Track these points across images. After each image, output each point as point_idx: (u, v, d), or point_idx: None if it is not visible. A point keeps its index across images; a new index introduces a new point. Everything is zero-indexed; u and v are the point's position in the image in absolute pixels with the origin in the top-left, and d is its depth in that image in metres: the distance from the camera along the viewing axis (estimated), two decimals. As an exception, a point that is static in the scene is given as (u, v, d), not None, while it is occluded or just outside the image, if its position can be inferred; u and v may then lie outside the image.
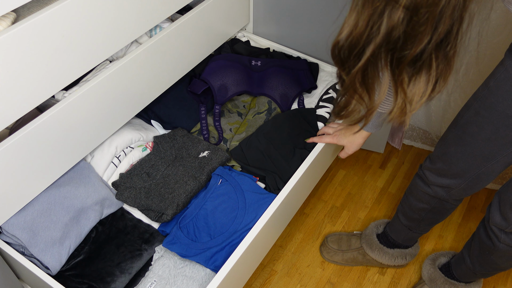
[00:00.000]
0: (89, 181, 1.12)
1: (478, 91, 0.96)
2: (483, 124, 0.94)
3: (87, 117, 1.04)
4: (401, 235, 1.33)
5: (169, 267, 1.04)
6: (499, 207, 1.04)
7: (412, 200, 1.21)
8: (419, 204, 1.19)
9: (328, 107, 1.34)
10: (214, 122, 1.33)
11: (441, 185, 1.10)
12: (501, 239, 1.06)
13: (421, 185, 1.15)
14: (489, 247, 1.11)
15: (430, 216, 1.21)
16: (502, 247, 1.07)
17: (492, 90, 0.91)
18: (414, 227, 1.27)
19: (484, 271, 1.20)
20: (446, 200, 1.14)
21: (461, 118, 0.99)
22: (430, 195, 1.15)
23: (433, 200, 1.15)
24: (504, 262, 1.12)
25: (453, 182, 1.07)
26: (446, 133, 1.05)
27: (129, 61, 1.09)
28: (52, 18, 0.86)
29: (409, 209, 1.23)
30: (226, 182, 1.16)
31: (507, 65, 0.87)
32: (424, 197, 1.16)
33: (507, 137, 0.92)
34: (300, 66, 1.42)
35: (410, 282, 1.42)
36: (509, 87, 0.87)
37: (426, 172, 1.12)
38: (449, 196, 1.12)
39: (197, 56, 1.34)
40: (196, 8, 1.25)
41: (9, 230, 0.99)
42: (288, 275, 1.42)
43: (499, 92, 0.89)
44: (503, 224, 1.04)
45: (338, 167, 1.73)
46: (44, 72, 0.90)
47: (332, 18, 1.41)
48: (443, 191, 1.11)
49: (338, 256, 1.43)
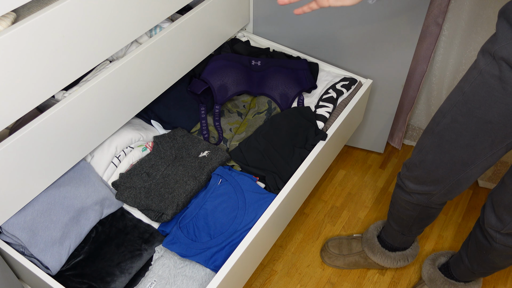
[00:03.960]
0: (89, 181, 1.12)
1: (452, 96, 0.94)
2: (461, 131, 0.93)
3: (87, 117, 1.04)
4: (397, 240, 1.33)
5: (169, 267, 1.04)
6: (493, 209, 1.04)
7: (398, 209, 1.21)
8: (405, 211, 1.19)
9: (328, 107, 1.34)
10: (214, 122, 1.33)
11: (421, 192, 1.09)
12: (497, 240, 1.06)
13: (402, 194, 1.15)
14: (486, 247, 1.11)
15: (418, 221, 1.21)
16: (498, 247, 1.07)
17: (468, 96, 0.89)
18: (406, 231, 1.27)
19: (482, 270, 1.20)
20: (428, 206, 1.13)
21: (437, 125, 0.97)
22: (413, 203, 1.14)
23: (417, 207, 1.15)
24: (502, 261, 1.12)
25: (433, 189, 1.06)
26: (422, 140, 1.03)
27: (129, 61, 1.09)
28: (52, 18, 0.86)
29: (397, 216, 1.24)
30: (226, 182, 1.16)
31: (481, 69, 0.85)
32: (407, 205, 1.16)
33: (486, 142, 0.91)
34: (300, 66, 1.42)
35: (410, 282, 1.42)
36: (485, 92, 0.85)
37: (405, 181, 1.11)
38: (430, 202, 1.11)
39: (197, 56, 1.34)
40: (196, 8, 1.25)
41: (9, 230, 0.99)
42: (288, 275, 1.42)
43: (476, 98, 0.87)
44: (499, 226, 1.03)
45: (338, 167, 1.73)
46: (44, 72, 0.90)
47: (332, 18, 1.41)
48: (424, 198, 1.11)
49: (340, 260, 1.42)
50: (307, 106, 1.35)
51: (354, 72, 1.51)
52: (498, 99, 0.84)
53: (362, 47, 1.43)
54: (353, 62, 1.49)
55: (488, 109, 0.87)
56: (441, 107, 0.97)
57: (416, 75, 1.52)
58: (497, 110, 0.86)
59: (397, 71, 1.44)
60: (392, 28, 1.34)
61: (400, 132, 1.73)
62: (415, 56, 1.47)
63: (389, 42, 1.38)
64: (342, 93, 1.38)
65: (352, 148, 1.80)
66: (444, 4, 1.31)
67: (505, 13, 0.80)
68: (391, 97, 1.53)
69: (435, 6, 1.33)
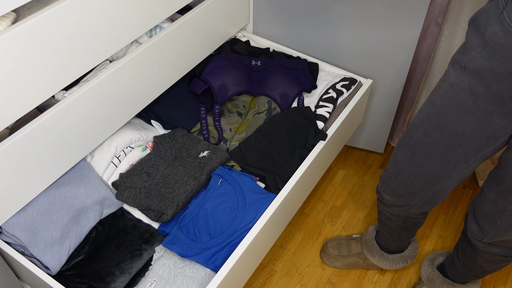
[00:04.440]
0: (89, 181, 1.12)
1: (424, 109, 0.92)
2: (434, 145, 0.92)
3: (87, 117, 1.04)
4: (390, 245, 1.33)
5: (169, 267, 1.04)
6: (475, 217, 1.03)
7: (384, 218, 1.22)
8: (390, 222, 1.19)
9: (328, 106, 1.34)
10: (214, 122, 1.33)
11: (398, 204, 1.09)
12: (481, 248, 1.05)
13: (383, 206, 1.16)
14: (472, 253, 1.11)
15: (404, 229, 1.21)
16: (483, 254, 1.07)
17: (439, 109, 0.88)
18: (396, 238, 1.28)
19: (473, 273, 1.20)
20: (410, 216, 1.13)
21: (410, 139, 0.96)
22: (394, 214, 1.14)
23: (400, 217, 1.15)
24: (490, 266, 1.11)
25: (409, 200, 1.06)
26: (396, 153, 1.02)
27: (129, 61, 1.09)
28: (52, 18, 0.86)
29: (385, 225, 1.24)
30: (226, 182, 1.16)
31: (452, 82, 0.84)
32: (391, 216, 1.17)
33: (459, 155, 0.90)
34: (300, 66, 1.42)
35: (410, 282, 1.42)
36: (457, 106, 0.84)
37: (382, 194, 1.12)
38: (410, 213, 1.11)
39: (197, 56, 1.34)
40: (196, 8, 1.25)
41: (9, 230, 0.99)
42: (288, 275, 1.42)
43: (447, 111, 0.86)
44: (480, 235, 1.02)
45: (338, 167, 1.73)
46: (44, 72, 0.90)
47: (332, 18, 1.41)
48: (403, 210, 1.11)
49: (339, 262, 1.42)
50: (307, 106, 1.35)
51: (354, 72, 1.51)
52: (470, 112, 0.83)
53: (362, 47, 1.43)
54: (353, 62, 1.49)
55: (460, 123, 0.85)
56: (413, 120, 0.96)
57: (416, 75, 1.52)
58: (469, 123, 0.85)
59: (397, 71, 1.44)
60: (392, 28, 1.34)
61: (400, 132, 1.73)
62: (415, 56, 1.47)
63: (389, 42, 1.38)
64: (342, 93, 1.38)
65: (352, 148, 1.80)
66: (444, 4, 1.31)
67: (475, 22, 0.78)
68: (391, 97, 1.53)
69: (435, 6, 1.33)
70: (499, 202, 0.93)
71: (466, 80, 0.81)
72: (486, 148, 0.88)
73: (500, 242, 1.01)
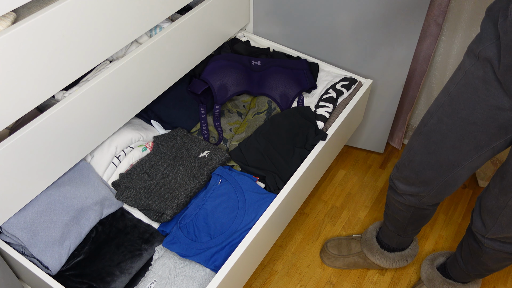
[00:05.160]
0: (89, 181, 1.12)
1: (439, 98, 0.94)
2: (446, 132, 0.93)
3: (87, 117, 1.04)
4: (393, 241, 1.33)
5: (169, 267, 1.04)
6: (480, 213, 1.04)
7: (392, 210, 1.21)
8: (399, 212, 1.19)
9: (328, 106, 1.34)
10: (214, 122, 1.33)
11: (411, 193, 1.10)
12: (485, 243, 1.05)
13: (394, 195, 1.15)
14: (477, 250, 1.11)
15: (412, 222, 1.21)
16: (488, 251, 1.07)
17: (453, 97, 0.89)
18: (401, 232, 1.27)
19: (476, 272, 1.20)
20: (420, 207, 1.13)
21: (425, 126, 0.98)
22: (405, 204, 1.14)
23: (410, 208, 1.15)
24: (494, 264, 1.12)
25: (422, 190, 1.06)
26: (411, 141, 1.04)
27: (129, 61, 1.09)
28: (52, 18, 0.86)
29: (392, 217, 1.24)
30: (226, 182, 1.16)
31: (466, 70, 0.85)
32: (400, 206, 1.17)
33: (471, 144, 0.91)
34: (300, 66, 1.42)
35: (410, 282, 1.42)
36: (470, 93, 0.86)
37: (395, 181, 1.12)
38: (422, 203, 1.12)
39: (197, 56, 1.34)
40: (196, 8, 1.25)
41: (9, 230, 0.99)
42: (288, 275, 1.42)
43: (461, 99, 0.88)
44: (483, 230, 1.03)
45: (338, 167, 1.73)
46: (44, 72, 0.90)
47: (333, 18, 1.41)
48: (415, 199, 1.11)
49: (339, 261, 1.42)
50: (307, 106, 1.35)
51: (354, 72, 1.51)
52: (482, 100, 0.84)
53: (362, 47, 1.43)
54: (353, 62, 1.49)
55: (472, 110, 0.87)
56: (430, 108, 0.98)
57: (416, 75, 1.52)
58: (481, 111, 0.86)
59: (397, 71, 1.44)
60: (392, 28, 1.34)
61: (400, 132, 1.73)
62: (415, 56, 1.47)
63: (389, 42, 1.38)
64: (342, 93, 1.38)
65: (352, 148, 1.80)
66: (444, 4, 1.31)
67: (491, 12, 0.80)
68: (391, 97, 1.53)
69: (435, 6, 1.33)
70: (501, 197, 0.94)
71: (480, 68, 0.83)
72: (497, 138, 0.89)
73: (504, 238, 1.01)
